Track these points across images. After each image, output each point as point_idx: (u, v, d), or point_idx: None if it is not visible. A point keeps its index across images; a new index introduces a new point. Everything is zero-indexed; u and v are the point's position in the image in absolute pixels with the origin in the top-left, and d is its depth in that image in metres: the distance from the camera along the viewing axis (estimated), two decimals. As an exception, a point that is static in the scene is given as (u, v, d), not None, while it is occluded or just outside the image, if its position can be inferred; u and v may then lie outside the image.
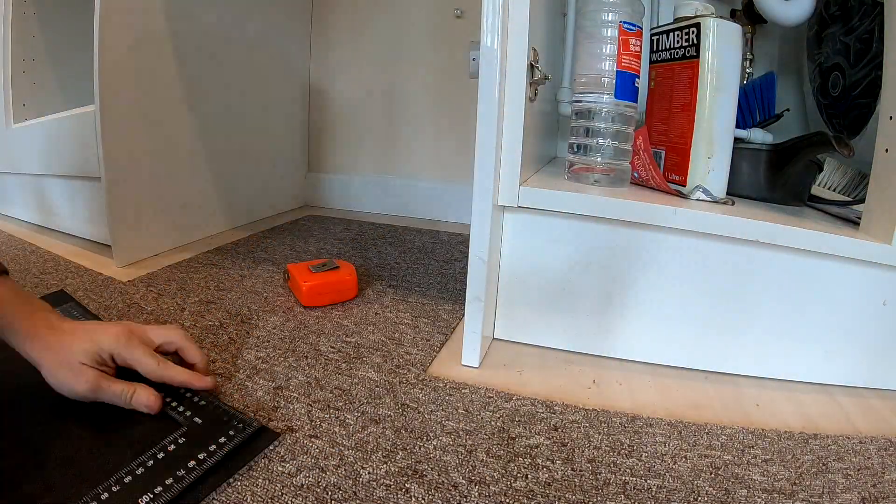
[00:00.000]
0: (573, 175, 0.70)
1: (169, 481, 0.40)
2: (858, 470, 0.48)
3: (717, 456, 0.49)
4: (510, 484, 0.44)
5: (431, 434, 0.50)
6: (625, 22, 0.65)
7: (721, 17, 0.66)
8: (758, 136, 0.77)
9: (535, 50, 0.62)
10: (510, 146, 0.60)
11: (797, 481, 0.46)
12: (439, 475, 0.44)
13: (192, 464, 0.42)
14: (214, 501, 0.40)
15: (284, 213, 1.39)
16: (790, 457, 0.50)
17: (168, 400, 0.50)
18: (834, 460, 0.50)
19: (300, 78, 1.43)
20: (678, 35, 0.68)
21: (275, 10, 1.28)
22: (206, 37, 1.06)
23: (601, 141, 0.67)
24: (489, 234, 0.60)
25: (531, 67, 0.61)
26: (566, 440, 0.50)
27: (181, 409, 0.49)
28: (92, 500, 0.37)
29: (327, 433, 0.49)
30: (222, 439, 0.45)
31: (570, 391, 0.59)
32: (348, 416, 0.52)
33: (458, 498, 0.42)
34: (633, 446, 0.50)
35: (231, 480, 0.42)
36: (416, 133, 1.40)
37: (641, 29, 0.67)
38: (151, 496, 0.38)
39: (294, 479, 0.43)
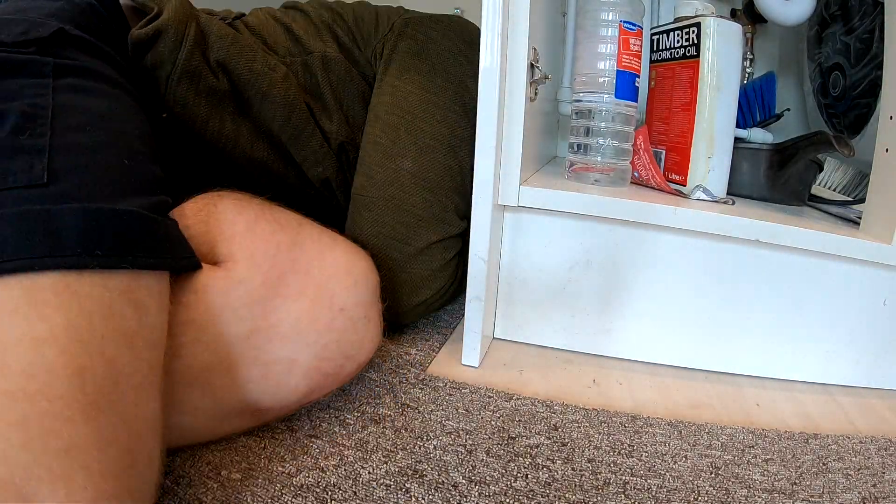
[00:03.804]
0: (573, 175, 0.70)
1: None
2: (858, 470, 0.48)
3: (717, 456, 0.49)
4: (510, 484, 0.44)
5: (431, 434, 0.50)
6: (625, 21, 0.65)
7: (721, 16, 0.66)
8: (758, 135, 0.77)
9: (535, 49, 0.62)
10: (510, 146, 0.60)
11: (797, 481, 0.46)
12: (439, 475, 0.44)
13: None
14: (215, 501, 0.40)
15: (284, 212, 1.39)
16: (790, 456, 0.50)
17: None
18: (834, 460, 0.50)
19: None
20: (678, 35, 0.68)
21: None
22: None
23: (601, 140, 0.67)
24: (489, 234, 0.59)
25: (531, 67, 0.61)
26: (566, 440, 0.50)
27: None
28: None
29: (327, 433, 0.49)
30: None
31: (570, 391, 0.59)
32: (348, 416, 0.52)
33: (458, 498, 0.42)
34: (633, 446, 0.50)
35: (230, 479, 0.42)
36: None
37: (641, 28, 0.67)
38: None
39: (294, 479, 0.43)
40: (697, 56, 0.65)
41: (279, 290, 0.42)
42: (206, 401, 0.42)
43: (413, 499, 0.41)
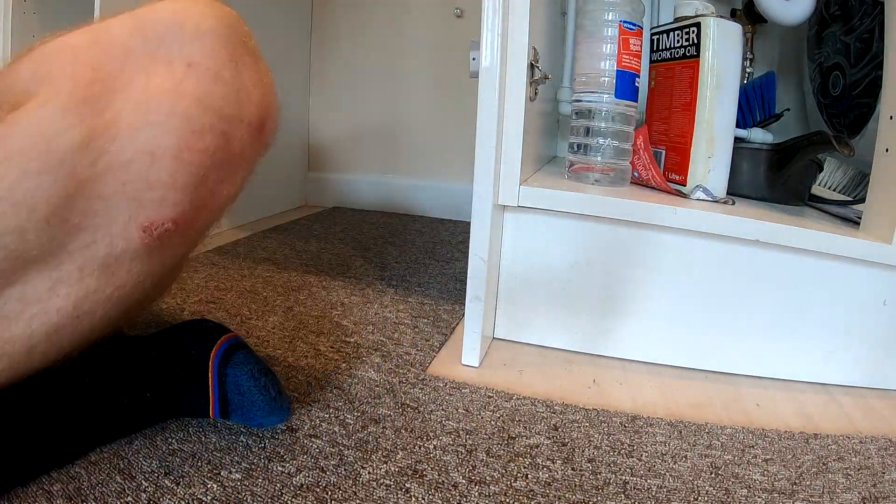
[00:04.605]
0: (573, 174, 0.70)
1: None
2: (858, 470, 0.48)
3: (717, 456, 0.49)
4: (510, 484, 0.44)
5: (431, 434, 0.50)
6: (625, 21, 0.65)
7: (721, 16, 0.66)
8: (758, 135, 0.77)
9: (535, 49, 0.62)
10: (510, 146, 0.60)
11: (797, 481, 0.46)
12: (439, 475, 0.44)
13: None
14: (215, 501, 0.40)
15: (284, 212, 1.39)
16: (790, 457, 0.50)
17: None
18: (834, 460, 0.50)
19: (300, 77, 1.43)
20: (678, 34, 0.68)
21: (274, 10, 1.28)
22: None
23: (601, 140, 0.67)
24: (489, 234, 0.59)
25: (531, 67, 0.61)
26: (566, 440, 0.50)
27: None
28: None
29: (327, 433, 0.49)
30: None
31: (571, 391, 0.59)
32: (348, 416, 0.52)
33: (458, 498, 0.42)
34: (633, 446, 0.50)
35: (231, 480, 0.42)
36: (417, 132, 1.40)
37: (641, 28, 0.67)
38: None
39: (294, 479, 0.43)
40: (697, 56, 0.65)
41: (99, 86, 0.33)
42: (86, 238, 0.35)
43: (413, 499, 0.41)
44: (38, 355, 0.37)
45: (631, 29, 0.65)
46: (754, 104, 0.80)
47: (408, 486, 0.43)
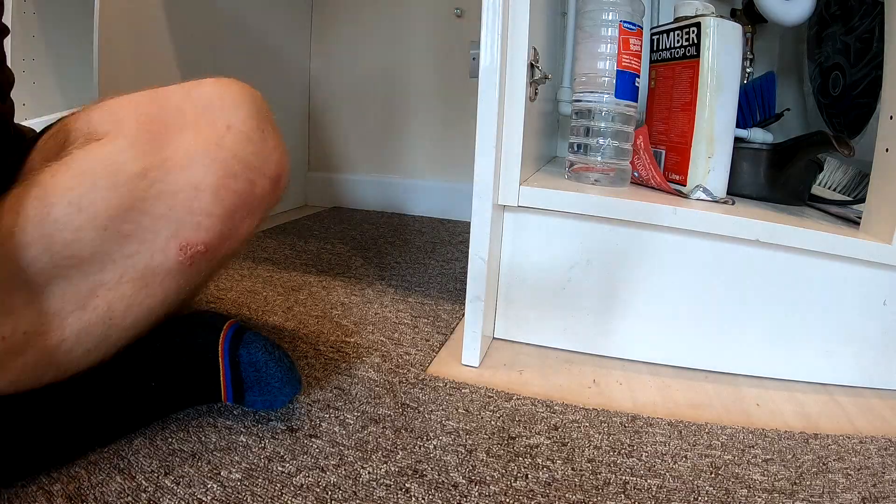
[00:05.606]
0: (573, 174, 0.70)
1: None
2: (858, 470, 0.48)
3: (717, 456, 0.49)
4: (510, 484, 0.44)
5: (431, 434, 0.50)
6: (625, 21, 0.65)
7: (721, 16, 0.66)
8: (758, 135, 0.77)
9: (535, 49, 0.62)
10: (510, 146, 0.60)
11: (797, 481, 0.46)
12: (439, 475, 0.44)
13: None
14: (215, 501, 0.40)
15: (284, 212, 1.40)
16: (790, 456, 0.50)
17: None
18: (834, 460, 0.50)
19: (300, 77, 1.43)
20: (678, 34, 0.68)
21: (275, 10, 1.28)
22: (206, 37, 1.06)
23: (601, 140, 0.67)
24: (489, 234, 0.59)
25: (531, 67, 0.61)
26: (566, 440, 0.50)
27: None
28: None
29: (327, 433, 0.49)
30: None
31: (571, 391, 0.59)
32: (348, 416, 0.52)
33: (458, 498, 0.42)
34: (633, 446, 0.50)
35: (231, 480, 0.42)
36: (417, 132, 1.40)
37: (641, 28, 0.67)
38: None
39: (294, 479, 0.43)
40: (697, 56, 0.65)
41: (158, 132, 0.43)
42: (131, 248, 0.42)
43: (413, 499, 0.41)
44: (64, 354, 0.41)
45: (631, 29, 0.65)
46: (754, 104, 0.80)
47: (408, 486, 0.43)
